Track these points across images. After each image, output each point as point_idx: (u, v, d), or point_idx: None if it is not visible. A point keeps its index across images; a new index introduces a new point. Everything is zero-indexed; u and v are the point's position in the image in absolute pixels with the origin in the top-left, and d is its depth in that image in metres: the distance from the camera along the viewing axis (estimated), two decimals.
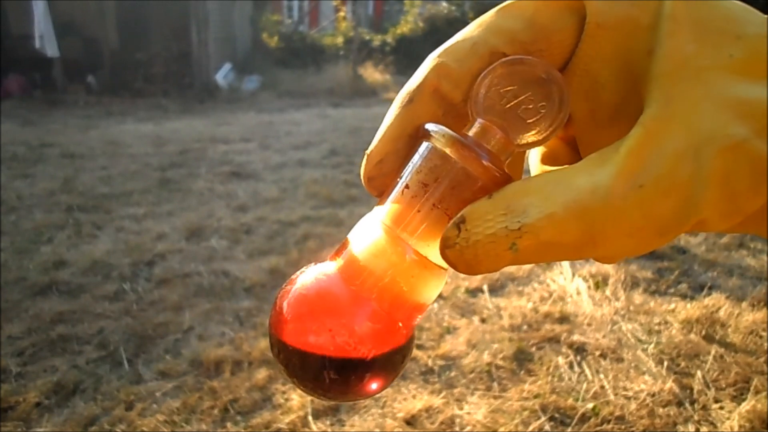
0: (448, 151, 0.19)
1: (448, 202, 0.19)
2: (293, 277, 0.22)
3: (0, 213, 2.72)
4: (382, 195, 0.21)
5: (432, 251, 0.20)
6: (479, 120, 0.20)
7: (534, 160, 0.26)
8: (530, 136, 0.20)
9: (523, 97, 0.20)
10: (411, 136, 0.21)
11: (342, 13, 9.92)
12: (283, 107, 6.27)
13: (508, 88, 0.20)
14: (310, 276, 0.21)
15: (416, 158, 0.20)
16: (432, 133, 0.19)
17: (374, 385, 0.21)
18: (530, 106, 0.20)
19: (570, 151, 0.24)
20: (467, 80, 0.20)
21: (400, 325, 0.21)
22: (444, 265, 0.19)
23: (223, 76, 7.52)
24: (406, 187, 0.20)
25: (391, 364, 0.21)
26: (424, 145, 0.20)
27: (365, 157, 0.21)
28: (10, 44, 6.21)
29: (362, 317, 0.20)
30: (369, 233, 0.21)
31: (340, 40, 9.21)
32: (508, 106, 0.20)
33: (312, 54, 8.82)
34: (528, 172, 0.26)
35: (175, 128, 4.95)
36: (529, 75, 0.19)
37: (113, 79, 6.89)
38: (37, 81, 6.46)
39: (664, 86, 0.17)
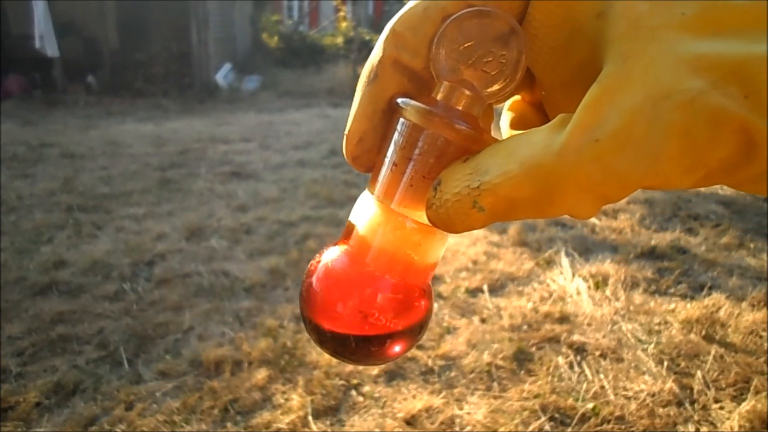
0: (421, 122, 0.20)
1: (433, 170, 0.20)
2: (317, 258, 0.23)
3: (0, 213, 2.72)
4: (370, 171, 0.22)
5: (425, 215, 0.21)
6: (445, 82, 0.20)
7: (504, 125, 0.26)
8: (496, 87, 0.20)
9: (482, 50, 0.20)
10: (384, 111, 0.21)
11: (342, 13, 9.92)
12: (283, 107, 6.27)
13: (466, 45, 0.20)
14: (331, 257, 0.23)
15: (395, 135, 0.21)
16: (403, 108, 0.20)
17: (397, 348, 0.22)
18: (490, 59, 0.20)
19: (539, 114, 0.25)
20: (425, 46, 0.20)
21: (417, 293, 0.22)
22: None
23: (223, 76, 7.52)
24: (394, 164, 0.21)
25: (411, 331, 0.22)
26: (401, 121, 0.20)
27: (345, 138, 0.22)
28: (10, 44, 6.21)
29: (381, 291, 0.21)
30: (368, 212, 0.22)
31: (340, 40, 9.21)
32: (470, 62, 0.20)
33: (312, 54, 8.82)
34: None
35: (175, 128, 4.95)
36: (483, 27, 0.20)
37: (113, 79, 6.89)
38: (37, 81, 6.45)
39: (619, 46, 0.17)
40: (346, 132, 0.22)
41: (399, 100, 0.20)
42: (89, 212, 2.80)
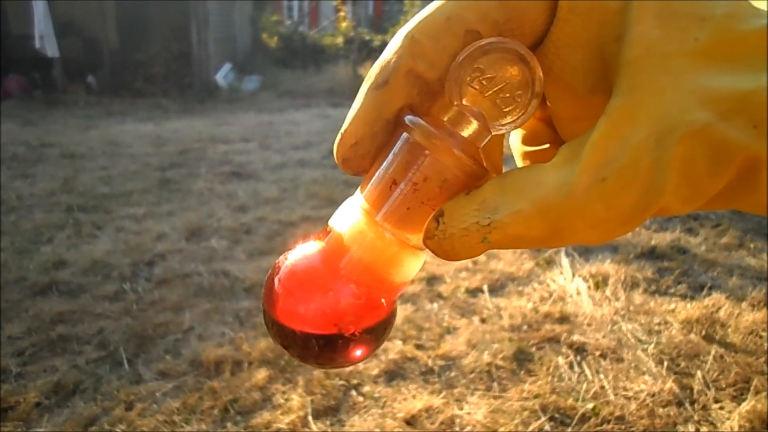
0: (429, 147, 0.19)
1: (434, 198, 0.20)
2: (284, 255, 0.23)
3: (0, 213, 2.72)
4: (357, 174, 0.22)
5: (414, 237, 0.21)
6: (457, 106, 0.20)
7: (515, 141, 0.26)
8: (504, 122, 0.20)
9: (502, 85, 0.20)
10: (388, 121, 0.20)
11: (342, 13, 9.91)
12: (283, 107, 6.27)
13: (488, 76, 0.20)
14: (298, 255, 0.22)
15: (399, 150, 0.20)
16: (412, 128, 0.20)
17: (358, 353, 0.22)
18: (507, 95, 0.20)
19: (549, 130, 0.24)
20: (443, 60, 0.20)
21: (383, 301, 0.22)
22: (423, 247, 0.21)
23: (223, 76, 7.52)
24: (393, 182, 0.20)
25: (372, 336, 0.22)
26: (405, 137, 0.20)
27: (339, 136, 0.21)
28: (10, 44, 6.21)
29: (345, 296, 0.21)
30: (352, 217, 0.21)
31: (340, 40, 9.21)
32: (488, 94, 0.20)
33: (312, 54, 8.82)
34: (508, 152, 0.27)
35: (175, 128, 4.95)
36: (508, 61, 0.19)
37: (113, 79, 6.89)
38: (37, 81, 6.45)
39: (630, 74, 0.17)
40: (341, 131, 0.21)
41: (408, 118, 0.20)
42: (89, 212, 2.80)
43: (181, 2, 6.90)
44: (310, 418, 1.38)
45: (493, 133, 0.20)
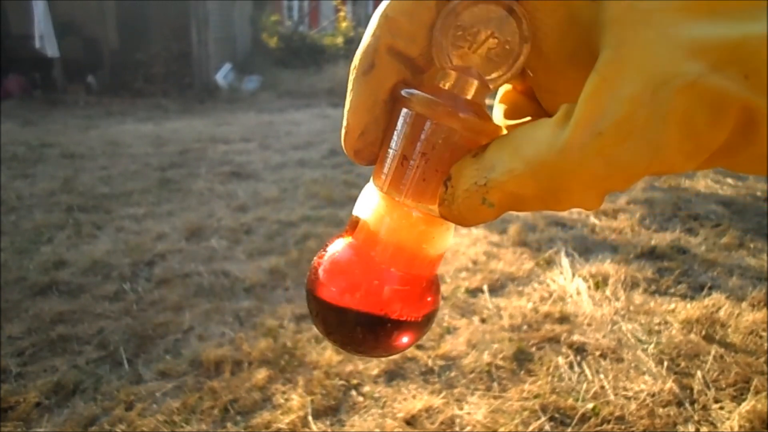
0: (430, 114, 0.19)
1: (445, 163, 0.20)
2: (322, 252, 0.23)
3: (0, 213, 2.72)
4: (372, 164, 0.22)
5: (436, 207, 0.21)
6: (452, 70, 0.20)
7: (497, 115, 0.25)
8: (500, 72, 0.20)
9: (488, 36, 0.19)
10: (386, 102, 0.21)
11: (342, 13, 9.92)
12: (283, 107, 6.27)
13: (472, 31, 0.19)
14: (336, 249, 0.23)
15: (401, 126, 0.20)
16: (409, 99, 0.19)
17: (405, 340, 0.22)
18: (497, 45, 0.20)
19: (531, 103, 0.24)
20: (422, 33, 0.20)
21: (423, 285, 0.22)
22: None
23: (223, 76, 7.52)
24: (404, 157, 0.20)
25: (418, 324, 0.22)
26: (406, 112, 0.20)
27: (344, 132, 0.21)
28: (10, 44, 6.21)
29: (388, 283, 0.21)
30: (374, 205, 0.21)
31: (340, 40, 9.21)
32: (477, 49, 0.20)
33: (312, 54, 8.82)
34: None
35: (175, 128, 4.95)
36: (489, 12, 0.19)
37: (113, 79, 6.89)
38: (37, 81, 6.45)
39: (615, 31, 0.16)
40: (344, 126, 0.21)
41: (404, 91, 0.20)
42: (89, 212, 2.80)
43: (181, 2, 6.90)
44: (310, 418, 1.38)
45: (494, 87, 0.20)
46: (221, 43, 7.83)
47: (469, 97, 0.20)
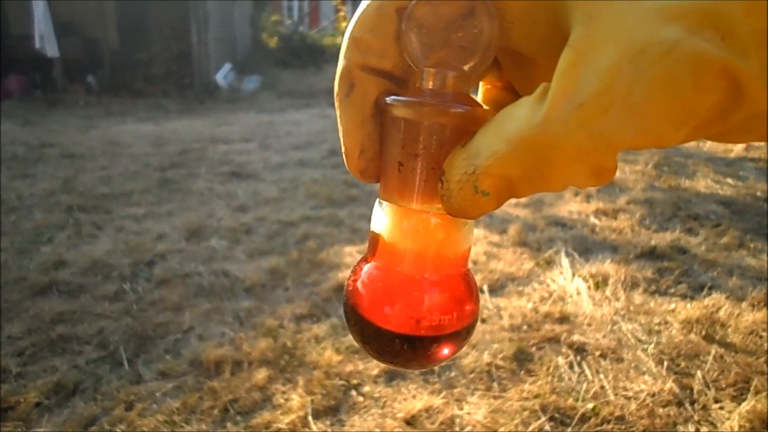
0: (414, 116, 0.19)
1: (440, 159, 0.20)
2: (352, 276, 0.23)
3: (0, 213, 2.72)
4: (379, 180, 0.22)
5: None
6: (428, 68, 0.20)
7: None
8: (475, 60, 0.20)
9: (452, 27, 0.19)
10: (374, 116, 0.21)
11: (342, 13, 9.92)
12: (283, 107, 6.27)
13: (435, 26, 0.19)
14: (367, 272, 0.22)
15: (393, 133, 0.20)
16: (392, 106, 0.20)
17: (446, 351, 0.22)
18: (461, 33, 0.19)
19: (514, 97, 0.24)
20: (390, 45, 0.20)
21: (460, 289, 0.22)
22: None
23: (223, 76, 7.52)
24: (400, 164, 0.20)
25: (457, 335, 0.22)
26: (392, 119, 0.20)
27: (344, 156, 0.22)
28: (10, 44, 6.21)
29: (426, 292, 0.21)
30: (389, 219, 0.21)
31: (340, 40, 9.19)
32: (444, 41, 0.20)
33: (312, 54, 8.83)
34: None
35: (175, 128, 4.95)
36: (445, 5, 0.19)
37: (113, 79, 6.89)
38: (37, 81, 6.46)
39: (584, 8, 0.16)
40: (343, 150, 0.22)
41: (387, 99, 0.20)
42: (89, 212, 2.80)
43: (181, 2, 6.90)
44: (310, 418, 1.38)
45: (474, 76, 0.20)
46: (221, 43, 7.83)
47: (450, 90, 0.20)
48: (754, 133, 0.17)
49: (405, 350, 0.21)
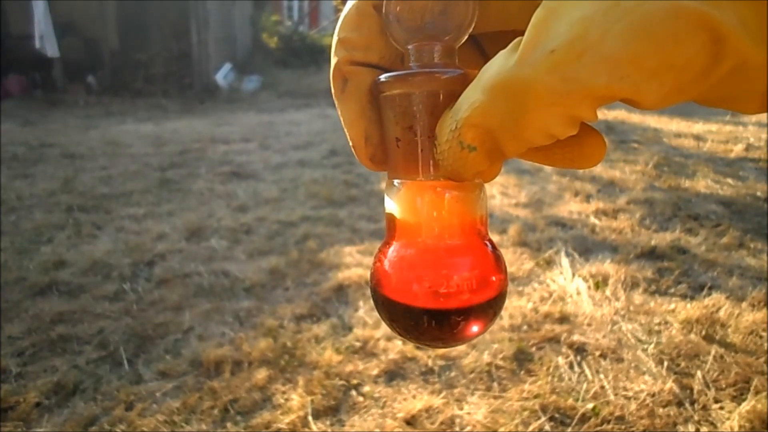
0: (404, 88, 0.20)
1: (434, 127, 0.20)
2: (378, 257, 0.23)
3: (0, 213, 2.72)
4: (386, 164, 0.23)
5: None
6: (410, 47, 0.21)
7: None
8: (456, 29, 0.20)
9: (429, 4, 0.20)
10: (371, 102, 0.22)
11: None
12: (283, 107, 6.27)
13: (412, 6, 0.20)
14: (388, 249, 0.23)
15: (389, 112, 0.21)
16: (383, 83, 0.20)
17: (475, 329, 0.22)
18: (438, 7, 0.20)
19: None
20: (372, 40, 0.21)
21: (484, 259, 0.22)
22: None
23: (223, 76, 7.52)
24: (398, 140, 0.21)
25: (482, 308, 0.22)
26: (385, 97, 0.21)
27: (352, 147, 0.22)
28: (10, 44, 6.21)
29: (448, 262, 0.21)
30: (400, 197, 0.22)
31: None
32: (424, 16, 0.20)
33: (312, 54, 8.83)
34: None
35: (175, 128, 4.95)
36: None
37: (113, 79, 6.90)
38: (37, 81, 6.46)
39: None
40: (350, 143, 0.22)
41: (378, 79, 0.21)
42: (89, 212, 2.80)
43: (181, 2, 6.90)
44: (310, 418, 1.38)
45: (457, 44, 0.21)
46: (221, 43, 7.83)
47: (437, 59, 0.20)
48: (742, 97, 0.17)
49: (432, 327, 0.21)
